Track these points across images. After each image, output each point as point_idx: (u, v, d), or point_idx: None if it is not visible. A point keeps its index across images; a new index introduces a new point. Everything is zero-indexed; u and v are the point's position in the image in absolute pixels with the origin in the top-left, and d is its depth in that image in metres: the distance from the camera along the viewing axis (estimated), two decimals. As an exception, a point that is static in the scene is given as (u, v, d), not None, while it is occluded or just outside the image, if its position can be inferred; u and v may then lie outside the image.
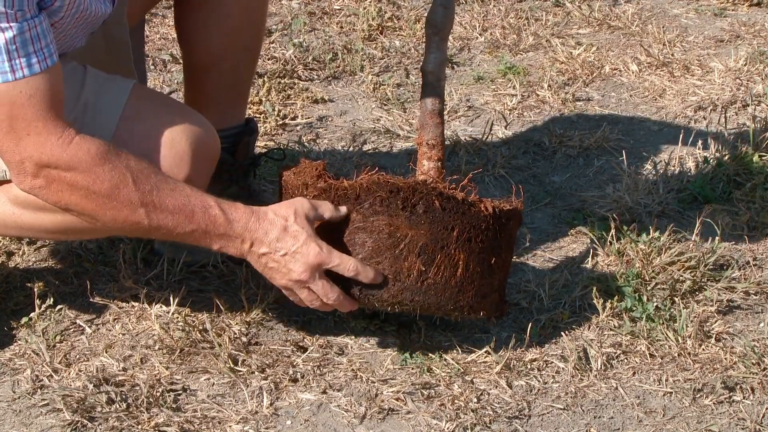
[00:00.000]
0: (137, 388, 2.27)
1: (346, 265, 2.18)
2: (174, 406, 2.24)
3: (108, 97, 2.28)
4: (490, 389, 2.29)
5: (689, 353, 2.37)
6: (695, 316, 2.45)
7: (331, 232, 2.21)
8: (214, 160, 2.34)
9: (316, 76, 3.51)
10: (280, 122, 3.24)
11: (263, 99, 3.33)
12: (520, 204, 2.31)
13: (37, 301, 2.48)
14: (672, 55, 3.58)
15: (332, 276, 2.19)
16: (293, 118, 3.28)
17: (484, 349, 2.35)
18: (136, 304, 2.51)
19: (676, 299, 2.49)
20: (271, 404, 2.25)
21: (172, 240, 2.22)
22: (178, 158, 2.25)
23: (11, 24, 1.99)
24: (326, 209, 2.21)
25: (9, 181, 2.23)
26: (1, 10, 1.97)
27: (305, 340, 2.42)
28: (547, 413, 2.24)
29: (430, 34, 2.33)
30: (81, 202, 2.12)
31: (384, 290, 2.21)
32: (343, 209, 2.21)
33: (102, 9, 2.19)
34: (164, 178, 2.15)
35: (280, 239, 2.16)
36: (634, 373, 2.34)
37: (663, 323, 2.43)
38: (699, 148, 3.02)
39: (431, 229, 2.21)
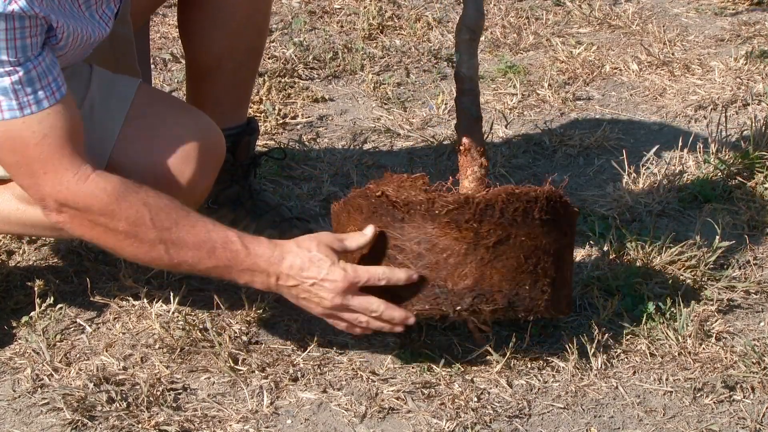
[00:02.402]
0: (137, 387, 2.27)
1: (375, 275, 2.16)
2: (174, 405, 2.25)
3: (114, 97, 2.28)
4: (491, 388, 2.29)
5: (689, 352, 2.37)
6: (695, 316, 2.45)
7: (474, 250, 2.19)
8: (220, 159, 2.34)
9: (316, 75, 3.51)
10: (281, 121, 3.24)
11: (264, 98, 3.33)
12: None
13: (38, 300, 2.48)
14: (672, 54, 3.58)
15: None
16: (293, 118, 3.28)
17: (484, 348, 2.35)
18: (136, 303, 2.51)
19: (677, 298, 2.49)
20: (271, 403, 2.25)
21: (199, 275, 2.22)
22: (185, 157, 2.25)
23: (16, 68, 1.99)
24: (352, 241, 2.18)
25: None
26: (3, 59, 1.98)
27: (305, 339, 2.42)
28: (548, 412, 2.24)
29: (464, 39, 2.26)
30: (102, 237, 2.12)
31: (500, 297, 2.21)
32: (369, 232, 2.18)
33: (102, 32, 2.18)
34: (186, 214, 2.13)
35: (305, 269, 2.15)
36: (635, 372, 2.34)
37: (663, 322, 2.43)
38: (699, 148, 3.02)
39: (557, 235, 2.23)
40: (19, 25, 1.96)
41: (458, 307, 2.18)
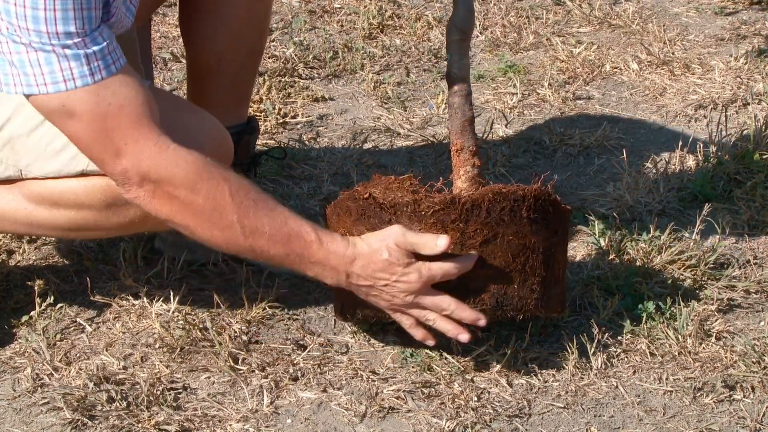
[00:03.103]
0: (137, 386, 2.27)
1: (449, 271, 2.15)
2: (174, 404, 2.25)
3: None
4: (491, 388, 2.29)
5: (689, 352, 2.37)
6: (695, 315, 2.45)
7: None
8: (229, 159, 2.34)
9: (316, 75, 3.51)
10: (281, 121, 3.24)
11: (264, 97, 3.32)
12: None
13: (38, 300, 2.48)
14: (672, 53, 3.58)
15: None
16: (294, 117, 3.28)
17: (484, 348, 2.35)
18: (136, 302, 2.51)
19: (677, 298, 2.49)
20: (271, 403, 2.25)
21: (268, 262, 2.20)
22: None
23: (84, 39, 1.99)
24: (425, 245, 2.15)
25: (24, 180, 2.24)
26: (72, 30, 1.97)
27: (305, 338, 2.42)
28: (548, 412, 2.24)
29: (455, 39, 2.26)
30: (179, 213, 2.09)
31: (514, 298, 2.21)
32: (443, 242, 2.14)
33: (128, 22, 2.19)
34: (265, 197, 2.12)
35: (378, 270, 2.14)
36: (635, 371, 2.34)
37: (663, 322, 2.43)
38: (699, 147, 3.02)
39: (547, 233, 2.23)
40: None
41: None
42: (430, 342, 2.24)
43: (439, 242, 2.13)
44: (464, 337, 2.20)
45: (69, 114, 2.03)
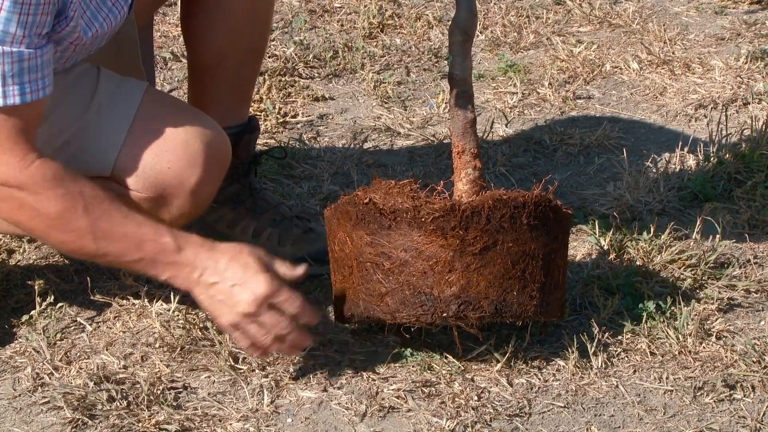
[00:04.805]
0: (138, 386, 2.27)
1: (293, 301, 2.15)
2: (174, 404, 2.25)
3: (121, 100, 2.28)
4: (491, 387, 2.29)
5: (690, 351, 2.37)
6: (696, 315, 2.45)
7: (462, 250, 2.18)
8: (226, 162, 2.34)
9: (316, 74, 3.51)
10: (281, 120, 3.24)
11: (264, 97, 3.33)
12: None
13: (38, 299, 2.48)
14: (673, 53, 3.58)
15: None
16: (294, 116, 3.28)
17: (485, 347, 2.35)
18: (136, 301, 2.51)
19: (677, 297, 2.49)
20: (271, 402, 2.25)
21: (119, 267, 2.24)
22: (192, 160, 2.26)
23: (13, 50, 2.00)
24: (282, 267, 2.17)
25: None
26: (11, 30, 1.98)
27: (306, 338, 2.42)
28: (548, 411, 2.24)
29: (457, 40, 2.25)
30: (29, 221, 2.13)
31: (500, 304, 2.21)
32: (300, 271, 2.18)
33: (113, 19, 2.18)
34: (118, 207, 2.14)
35: (229, 268, 2.13)
36: (635, 371, 2.34)
37: (663, 321, 2.43)
38: (700, 146, 3.02)
39: (547, 239, 2.23)
40: (35, 1, 1.97)
41: (444, 315, 2.18)
42: (265, 357, 2.24)
43: (298, 269, 2.18)
44: (295, 353, 2.22)
45: None
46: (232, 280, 2.13)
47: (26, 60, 2.02)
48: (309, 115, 3.29)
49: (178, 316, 2.44)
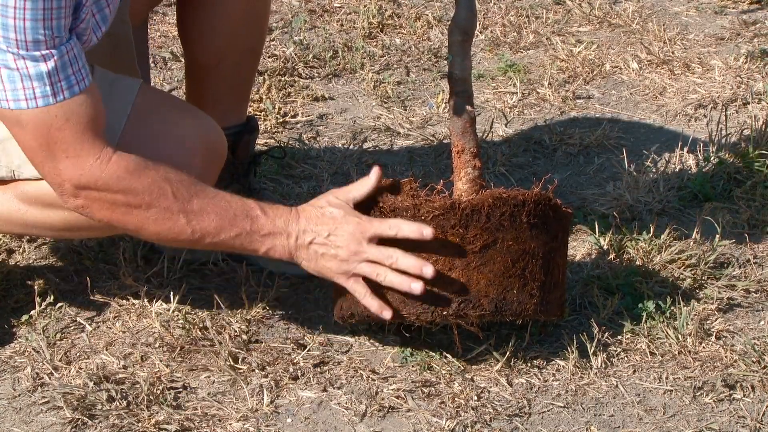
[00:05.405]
0: (137, 385, 2.27)
1: (390, 223, 2.16)
2: (174, 403, 2.25)
3: (116, 97, 2.28)
4: (491, 387, 2.29)
5: (689, 351, 2.37)
6: (695, 314, 2.45)
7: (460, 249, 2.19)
8: (222, 158, 2.35)
9: (316, 74, 3.51)
10: (281, 120, 3.24)
11: (263, 97, 3.33)
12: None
13: (38, 299, 2.48)
14: (672, 53, 3.58)
15: None
16: (293, 116, 3.28)
17: (484, 347, 2.35)
18: (136, 301, 2.51)
19: (677, 297, 2.49)
20: (271, 402, 2.25)
21: (222, 250, 2.23)
22: (189, 157, 2.25)
23: (51, 50, 2.01)
24: (357, 190, 2.22)
25: (16, 180, 2.24)
26: (40, 35, 1.98)
27: (305, 337, 2.42)
28: (548, 411, 2.24)
29: (457, 40, 2.25)
30: (123, 218, 2.13)
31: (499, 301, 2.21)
32: (373, 176, 2.21)
33: (95, 39, 2.20)
34: (203, 187, 2.15)
35: (319, 223, 2.17)
36: (635, 371, 2.34)
37: (663, 321, 2.43)
38: (699, 146, 3.02)
39: (547, 238, 2.23)
40: (56, 5, 1.97)
41: (444, 313, 2.18)
42: (387, 314, 2.19)
43: (371, 175, 2.22)
44: (417, 286, 2.16)
45: (17, 122, 2.06)
46: (325, 231, 2.17)
47: (65, 54, 2.03)
48: (309, 115, 3.29)
49: (177, 316, 2.44)
